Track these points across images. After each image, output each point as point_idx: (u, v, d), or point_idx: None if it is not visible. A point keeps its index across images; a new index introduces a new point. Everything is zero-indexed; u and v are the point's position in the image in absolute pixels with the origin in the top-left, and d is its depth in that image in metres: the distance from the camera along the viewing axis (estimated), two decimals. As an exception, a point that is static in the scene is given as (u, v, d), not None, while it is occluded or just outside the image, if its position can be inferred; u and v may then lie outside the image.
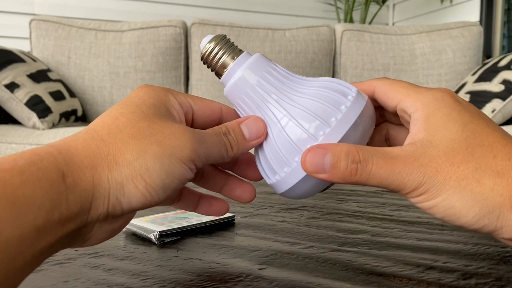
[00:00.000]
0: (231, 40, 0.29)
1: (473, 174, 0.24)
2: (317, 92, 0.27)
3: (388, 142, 0.32)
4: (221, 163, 0.31)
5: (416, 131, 0.26)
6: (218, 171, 0.31)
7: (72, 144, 0.22)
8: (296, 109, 0.26)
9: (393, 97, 0.28)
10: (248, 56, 0.28)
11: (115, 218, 0.23)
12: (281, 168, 0.27)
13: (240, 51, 0.29)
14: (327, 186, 0.28)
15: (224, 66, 0.29)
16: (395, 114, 0.29)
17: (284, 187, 0.27)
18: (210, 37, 0.29)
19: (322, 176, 0.25)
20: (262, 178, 0.30)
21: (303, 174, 0.26)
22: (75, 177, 0.21)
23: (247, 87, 0.28)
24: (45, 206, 0.19)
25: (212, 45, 0.29)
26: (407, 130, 0.27)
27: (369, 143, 0.29)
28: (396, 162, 0.24)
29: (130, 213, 0.24)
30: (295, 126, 0.26)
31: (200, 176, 0.31)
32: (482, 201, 0.23)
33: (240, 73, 0.28)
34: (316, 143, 0.25)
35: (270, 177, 0.28)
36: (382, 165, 0.24)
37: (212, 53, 0.29)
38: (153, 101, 0.25)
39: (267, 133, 0.27)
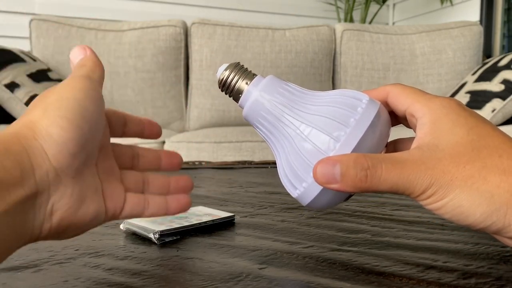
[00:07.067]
0: (245, 66, 0.31)
1: (480, 172, 0.24)
2: (327, 108, 0.28)
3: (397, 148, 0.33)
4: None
5: (422, 135, 0.26)
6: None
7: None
8: (308, 127, 0.28)
9: (404, 101, 0.29)
10: (261, 79, 0.30)
11: (67, 175, 0.23)
12: (300, 183, 0.28)
13: (254, 75, 0.31)
14: (350, 195, 0.29)
15: (239, 92, 0.31)
16: (404, 119, 0.30)
17: (307, 200, 0.28)
18: (225, 66, 0.31)
19: (335, 186, 0.25)
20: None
21: (320, 187, 0.27)
22: (5, 145, 0.21)
23: (261, 109, 0.29)
24: None
25: (227, 73, 0.31)
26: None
27: None
28: (405, 166, 0.25)
29: (86, 173, 0.25)
30: (308, 144, 0.27)
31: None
32: (489, 199, 0.23)
33: (254, 96, 0.30)
34: None
35: (292, 191, 0.29)
36: (392, 170, 0.25)
37: (228, 80, 0.31)
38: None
39: (285, 150, 0.29)
